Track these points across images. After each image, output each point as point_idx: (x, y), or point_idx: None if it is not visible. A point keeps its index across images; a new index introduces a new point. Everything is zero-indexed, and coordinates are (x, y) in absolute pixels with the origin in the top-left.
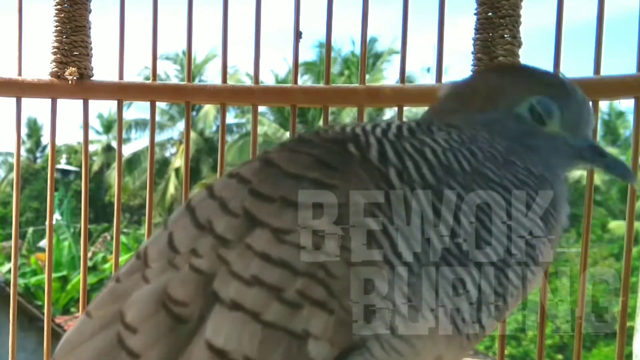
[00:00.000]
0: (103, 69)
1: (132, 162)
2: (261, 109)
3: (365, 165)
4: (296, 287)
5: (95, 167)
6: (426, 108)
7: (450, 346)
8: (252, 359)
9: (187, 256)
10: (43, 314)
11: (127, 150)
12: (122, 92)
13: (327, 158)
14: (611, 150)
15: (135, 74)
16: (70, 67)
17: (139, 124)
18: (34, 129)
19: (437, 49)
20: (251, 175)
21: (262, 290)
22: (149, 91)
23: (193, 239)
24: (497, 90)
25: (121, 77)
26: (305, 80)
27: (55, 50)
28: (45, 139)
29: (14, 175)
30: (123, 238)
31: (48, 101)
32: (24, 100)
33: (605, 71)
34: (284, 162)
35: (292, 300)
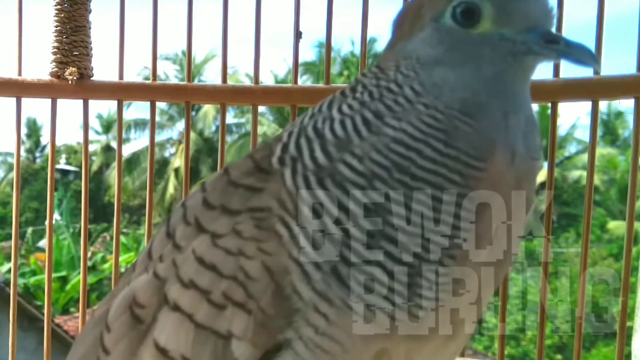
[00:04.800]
0: (103, 69)
1: (132, 162)
2: (261, 109)
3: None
4: (221, 289)
5: (95, 167)
6: None
7: (393, 339)
8: (187, 358)
9: (156, 262)
10: (43, 314)
11: (127, 150)
12: (122, 92)
13: (263, 162)
14: (610, 150)
15: (135, 74)
16: (70, 67)
17: (139, 124)
18: (34, 129)
19: None
20: (209, 184)
21: (196, 292)
22: (149, 91)
23: (162, 246)
24: (422, 6)
25: (121, 77)
26: (305, 80)
27: (55, 50)
28: (45, 139)
29: (13, 175)
30: (122, 238)
31: (48, 101)
32: (24, 100)
33: (605, 71)
34: (235, 169)
35: (217, 302)
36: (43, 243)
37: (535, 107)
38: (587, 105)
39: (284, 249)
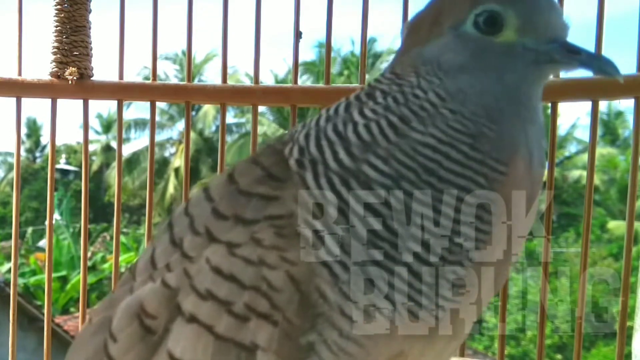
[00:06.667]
0: (103, 69)
1: (132, 162)
2: (261, 109)
3: (291, 172)
4: (244, 300)
5: (95, 167)
6: None
7: (411, 340)
8: None
9: (162, 271)
10: (43, 314)
11: (127, 150)
12: (122, 92)
13: (275, 169)
14: (610, 150)
15: (135, 74)
16: (70, 67)
17: (139, 124)
18: (34, 129)
19: None
20: (215, 193)
21: (215, 303)
22: (149, 91)
23: (168, 255)
24: (440, 13)
25: (121, 77)
26: (304, 80)
27: (55, 50)
28: (45, 139)
29: (13, 175)
30: (122, 238)
31: (48, 101)
32: (24, 100)
33: None
34: (242, 176)
35: (240, 313)
36: (43, 243)
37: None
38: (587, 105)
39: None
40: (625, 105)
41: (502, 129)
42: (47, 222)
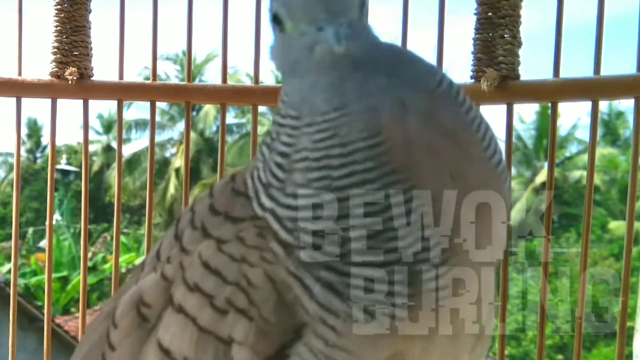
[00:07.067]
0: (103, 69)
1: (132, 163)
2: (261, 109)
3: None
4: (225, 294)
5: (95, 167)
6: None
7: (407, 340)
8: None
9: (164, 263)
10: (43, 314)
11: (127, 151)
12: (122, 92)
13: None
14: (610, 150)
15: (136, 74)
16: (70, 67)
17: (139, 124)
18: (34, 129)
19: (437, 49)
20: (216, 191)
21: (200, 296)
22: (149, 91)
23: (171, 248)
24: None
25: (121, 77)
26: None
27: (55, 50)
28: (45, 139)
29: (14, 175)
30: (123, 238)
31: (48, 101)
32: (24, 100)
33: (605, 71)
34: (238, 176)
35: (220, 307)
36: (44, 243)
37: (535, 107)
38: (587, 105)
39: (281, 263)
40: (626, 105)
41: (351, 109)
42: (47, 223)
